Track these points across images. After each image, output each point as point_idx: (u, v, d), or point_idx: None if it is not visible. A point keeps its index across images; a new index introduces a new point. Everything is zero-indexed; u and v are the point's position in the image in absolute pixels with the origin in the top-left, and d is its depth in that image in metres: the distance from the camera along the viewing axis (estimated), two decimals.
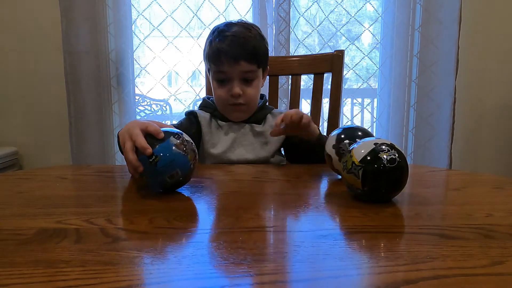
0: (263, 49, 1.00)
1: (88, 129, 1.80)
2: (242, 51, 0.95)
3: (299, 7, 1.88)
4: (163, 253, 0.44)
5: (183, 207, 0.63)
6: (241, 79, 0.98)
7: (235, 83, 0.97)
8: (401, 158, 0.59)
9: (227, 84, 0.98)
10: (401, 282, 0.38)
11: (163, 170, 0.63)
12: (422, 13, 1.83)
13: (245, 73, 0.97)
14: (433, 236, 0.50)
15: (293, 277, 0.41)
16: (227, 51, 0.94)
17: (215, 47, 0.96)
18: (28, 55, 1.88)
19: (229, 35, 0.96)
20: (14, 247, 0.45)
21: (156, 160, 0.63)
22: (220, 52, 0.95)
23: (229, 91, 0.97)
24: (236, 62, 0.95)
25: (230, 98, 0.98)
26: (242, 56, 0.95)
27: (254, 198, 0.66)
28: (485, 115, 2.02)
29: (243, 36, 0.96)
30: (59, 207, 0.60)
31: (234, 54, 0.94)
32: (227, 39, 0.95)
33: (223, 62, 0.95)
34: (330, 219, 0.58)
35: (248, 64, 0.96)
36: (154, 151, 0.63)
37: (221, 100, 1.00)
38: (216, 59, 0.97)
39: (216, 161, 0.99)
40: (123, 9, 1.78)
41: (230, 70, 0.96)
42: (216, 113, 1.04)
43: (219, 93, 0.99)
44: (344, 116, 2.05)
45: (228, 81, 0.98)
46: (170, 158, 0.63)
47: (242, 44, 0.95)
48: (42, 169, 0.88)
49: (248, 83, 0.99)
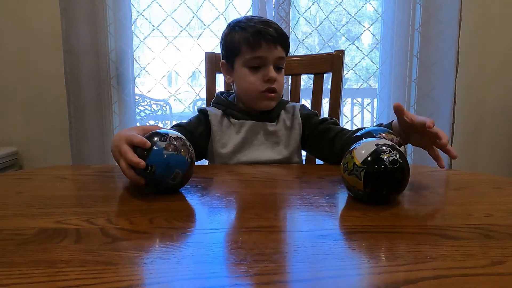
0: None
1: (88, 129, 1.80)
2: (279, 35, 0.95)
3: (299, 7, 1.88)
4: (163, 253, 0.44)
5: (183, 207, 0.63)
6: (274, 66, 0.96)
7: (271, 68, 0.95)
8: (402, 159, 0.59)
9: (261, 70, 0.96)
10: (401, 282, 0.38)
11: (163, 176, 0.64)
12: (422, 13, 1.83)
13: (278, 60, 0.97)
14: (433, 236, 0.50)
15: (293, 277, 0.41)
16: (268, 33, 0.93)
17: (253, 29, 0.94)
18: (28, 55, 1.88)
19: (261, 20, 0.96)
20: (14, 247, 0.45)
21: (153, 170, 0.63)
22: (260, 34, 0.93)
23: (264, 77, 0.95)
24: (274, 46, 0.95)
25: (264, 85, 0.96)
26: (279, 40, 0.95)
27: (254, 198, 0.66)
28: (485, 115, 2.02)
29: (271, 22, 0.97)
30: (59, 207, 0.60)
31: (274, 38, 0.94)
32: (260, 23, 0.95)
33: (261, 45, 0.94)
34: (330, 219, 0.58)
35: (282, 50, 0.97)
36: (147, 161, 0.63)
37: (254, 87, 0.97)
38: (254, 43, 0.94)
39: (225, 161, 0.98)
40: (123, 9, 1.78)
41: (267, 55, 0.95)
42: (229, 111, 1.01)
43: (251, 80, 0.96)
44: (344, 116, 2.05)
45: (262, 66, 0.96)
46: (165, 163, 0.63)
47: (279, 30, 0.96)
48: (42, 169, 0.88)
49: (279, 71, 0.98)
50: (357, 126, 2.17)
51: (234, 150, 0.98)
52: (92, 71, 1.78)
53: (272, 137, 1.00)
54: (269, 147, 0.99)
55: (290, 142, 1.01)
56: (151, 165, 0.63)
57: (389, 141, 0.63)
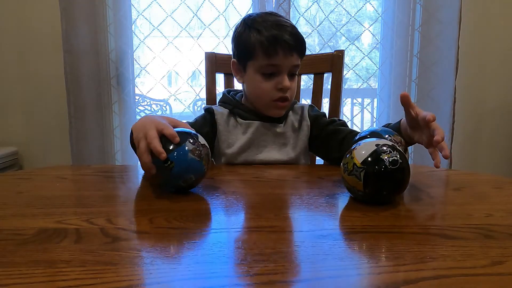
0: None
1: (88, 129, 1.80)
2: (296, 42, 0.91)
3: (299, 7, 1.88)
4: (163, 253, 0.44)
5: (183, 207, 0.63)
6: (288, 73, 0.93)
7: (285, 76, 0.92)
8: (403, 159, 0.59)
9: (275, 77, 0.92)
10: (401, 282, 0.38)
11: (177, 176, 0.63)
12: (422, 13, 1.83)
13: (293, 68, 0.93)
14: (433, 236, 0.50)
15: (293, 277, 0.41)
16: (285, 41, 0.89)
17: (270, 35, 0.89)
18: (28, 55, 1.88)
19: (279, 24, 0.91)
20: (14, 247, 0.45)
21: (171, 166, 0.62)
22: (277, 42, 0.89)
23: (277, 84, 0.92)
24: (290, 54, 0.90)
25: (276, 93, 0.92)
26: (296, 48, 0.91)
27: (254, 198, 0.66)
28: (485, 115, 2.02)
29: (289, 25, 0.92)
30: (59, 207, 0.60)
31: (290, 46, 0.90)
32: (283, 28, 0.90)
33: (278, 53, 0.89)
34: (330, 219, 0.58)
35: (298, 58, 0.93)
36: (169, 156, 0.62)
37: (266, 95, 0.93)
38: (271, 50, 0.89)
39: (231, 161, 0.96)
40: (123, 9, 1.78)
41: (282, 62, 0.91)
42: (236, 110, 0.99)
43: (264, 87, 0.92)
44: (344, 116, 2.05)
45: (277, 74, 0.92)
46: (185, 165, 0.62)
47: (296, 35, 0.91)
48: (42, 169, 0.88)
49: (292, 78, 0.95)
50: (357, 126, 2.17)
51: (240, 150, 0.96)
52: (92, 71, 1.78)
53: (279, 138, 0.98)
54: (276, 148, 0.98)
55: (297, 143, 1.00)
56: (171, 162, 0.62)
57: (389, 141, 0.63)
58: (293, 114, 1.01)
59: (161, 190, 0.69)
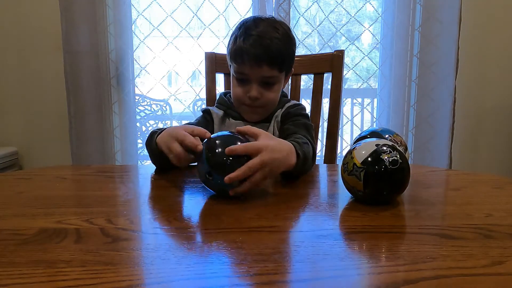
0: (288, 53, 0.96)
1: (88, 129, 1.80)
2: (265, 55, 0.90)
3: (299, 7, 1.88)
4: (163, 253, 0.44)
5: (183, 207, 0.63)
6: (261, 82, 0.94)
7: (254, 86, 0.93)
8: (403, 159, 0.59)
9: (246, 84, 0.95)
10: (401, 282, 0.38)
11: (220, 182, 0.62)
12: (422, 13, 1.82)
13: (266, 78, 0.94)
14: (433, 236, 0.50)
15: (293, 277, 0.41)
16: (250, 53, 0.90)
17: (239, 46, 0.92)
18: (28, 55, 1.88)
19: (254, 34, 0.92)
20: (14, 247, 0.45)
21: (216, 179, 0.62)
22: (243, 53, 0.91)
23: (247, 92, 0.94)
24: (258, 66, 0.91)
25: (247, 99, 0.95)
26: (265, 60, 0.91)
27: (254, 198, 0.66)
28: (485, 115, 2.02)
29: (268, 37, 0.91)
30: (59, 207, 0.60)
31: (257, 57, 0.90)
32: (251, 38, 0.91)
33: (245, 63, 0.92)
34: (330, 219, 0.58)
35: (270, 69, 0.92)
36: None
37: (238, 99, 0.97)
38: (238, 59, 0.93)
39: None
40: (123, 9, 1.78)
41: (251, 73, 0.93)
42: (229, 111, 1.02)
43: (237, 92, 0.96)
44: (344, 116, 2.05)
45: (247, 81, 0.94)
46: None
47: (267, 47, 0.91)
48: (42, 169, 0.88)
49: (268, 87, 0.95)
50: (357, 126, 2.17)
51: None
52: (92, 71, 1.78)
53: None
54: None
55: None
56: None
57: (389, 141, 0.63)
58: (280, 113, 1.02)
59: (161, 190, 0.68)
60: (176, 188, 0.74)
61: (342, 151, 2.00)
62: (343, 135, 2.10)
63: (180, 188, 0.74)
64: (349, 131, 2.25)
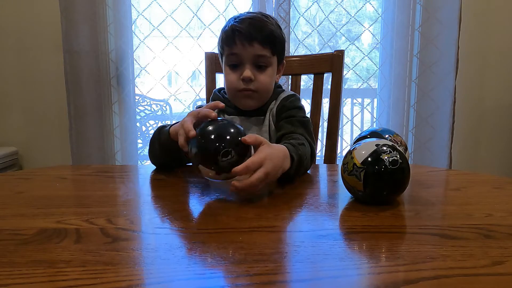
0: (279, 36, 0.96)
1: (88, 129, 1.80)
2: (257, 33, 0.92)
3: (299, 7, 1.88)
4: (163, 253, 0.44)
5: (183, 207, 0.63)
6: (253, 64, 0.94)
7: (247, 66, 0.93)
8: (403, 159, 0.59)
9: (239, 68, 0.94)
10: (401, 282, 0.38)
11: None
12: (422, 13, 1.83)
13: (258, 58, 0.93)
14: (433, 236, 0.50)
15: (293, 277, 0.41)
16: (242, 31, 0.91)
17: (230, 28, 0.93)
18: (28, 55, 1.88)
19: (246, 18, 0.94)
20: (14, 247, 0.45)
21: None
22: (235, 32, 0.92)
23: (240, 76, 0.94)
24: (249, 44, 0.91)
25: (241, 83, 0.94)
26: (256, 37, 0.91)
27: (254, 198, 0.66)
28: (485, 115, 2.02)
29: (259, 20, 0.94)
30: (59, 207, 0.60)
31: (248, 35, 0.91)
32: (244, 21, 0.93)
33: (236, 42, 0.92)
34: (330, 219, 0.58)
35: (261, 47, 0.92)
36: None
37: (232, 86, 0.96)
38: (229, 40, 0.93)
39: None
40: (123, 9, 1.78)
41: (243, 52, 0.92)
42: (224, 108, 1.02)
43: (231, 79, 0.96)
44: (344, 116, 2.05)
45: (240, 65, 0.94)
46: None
47: (257, 26, 0.92)
48: (42, 169, 0.88)
49: (261, 70, 0.95)
50: (357, 126, 2.17)
51: None
52: (92, 71, 1.78)
53: (263, 131, 0.99)
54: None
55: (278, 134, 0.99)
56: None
57: (389, 141, 0.63)
58: (275, 105, 1.01)
59: (161, 190, 0.68)
60: (176, 188, 0.74)
61: (342, 151, 2.00)
62: (343, 135, 2.10)
63: (180, 188, 0.74)
64: (349, 131, 2.25)
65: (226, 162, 0.62)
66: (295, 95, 1.03)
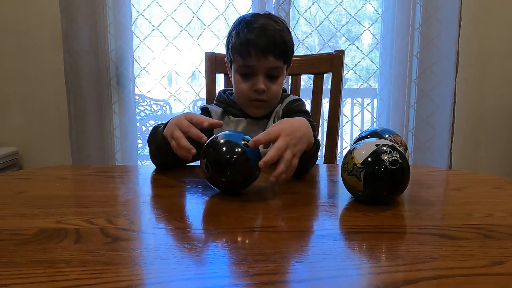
0: (290, 45, 0.97)
1: (88, 129, 1.80)
2: (272, 45, 0.91)
3: (299, 7, 1.88)
4: (163, 253, 0.44)
5: (183, 207, 0.63)
6: (266, 75, 0.94)
7: (260, 78, 0.93)
8: (403, 159, 0.59)
9: (251, 78, 0.94)
10: (401, 282, 0.38)
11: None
12: (422, 13, 1.83)
13: (271, 69, 0.94)
14: (433, 236, 0.50)
15: (293, 277, 0.41)
16: (256, 44, 0.90)
17: (244, 38, 0.92)
18: (28, 54, 1.88)
19: (257, 26, 0.92)
20: (14, 247, 0.45)
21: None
22: (249, 44, 0.91)
23: (253, 86, 0.94)
24: (264, 56, 0.91)
25: (253, 94, 0.94)
26: (271, 50, 0.91)
27: (254, 198, 0.66)
28: (485, 115, 2.02)
29: (271, 28, 0.92)
30: (59, 207, 0.60)
31: (263, 48, 0.90)
32: (256, 30, 0.91)
33: (251, 55, 0.91)
34: (330, 219, 0.58)
35: (275, 60, 0.93)
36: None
37: (243, 95, 0.96)
38: (244, 51, 0.92)
39: None
40: (123, 9, 1.78)
41: (257, 64, 0.92)
42: (229, 109, 1.02)
43: (242, 88, 0.96)
44: (344, 116, 2.05)
45: (253, 75, 0.94)
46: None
47: (272, 37, 0.91)
48: (42, 169, 0.88)
49: (273, 80, 0.95)
50: (357, 126, 2.17)
51: None
52: (92, 71, 1.78)
53: None
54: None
55: None
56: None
57: (389, 141, 0.63)
58: (280, 108, 1.02)
59: (161, 190, 0.68)
60: (176, 188, 0.74)
61: (342, 151, 2.00)
62: (343, 135, 2.10)
63: (180, 188, 0.74)
64: (349, 131, 2.25)
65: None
66: (301, 99, 1.05)
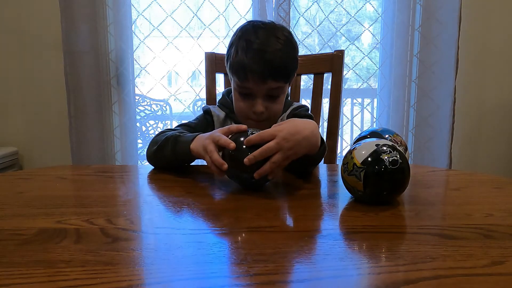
0: (292, 63, 0.91)
1: (88, 129, 1.80)
2: (269, 70, 0.86)
3: (299, 7, 1.88)
4: (163, 253, 0.44)
5: (183, 207, 0.63)
6: (266, 95, 0.90)
7: (259, 101, 0.89)
8: (403, 159, 0.59)
9: (250, 98, 0.90)
10: (401, 282, 0.38)
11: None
12: (422, 13, 1.83)
13: (271, 90, 0.90)
14: (433, 236, 0.50)
15: (293, 277, 0.41)
16: (253, 70, 0.86)
17: (240, 61, 0.87)
18: (28, 54, 1.88)
19: (256, 48, 0.86)
20: (14, 247, 0.45)
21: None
22: (246, 69, 0.86)
23: (251, 107, 0.90)
24: (263, 82, 0.87)
25: (252, 114, 0.91)
26: (270, 75, 0.87)
27: (254, 198, 0.66)
28: (485, 115, 2.02)
29: (271, 50, 0.86)
30: (59, 207, 0.60)
31: (261, 74, 0.86)
32: (253, 52, 0.86)
33: (248, 79, 0.87)
34: (330, 219, 0.58)
35: (275, 82, 0.88)
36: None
37: (242, 112, 0.93)
38: (240, 75, 0.88)
39: None
40: (123, 9, 1.78)
41: (255, 88, 0.88)
42: (232, 115, 0.99)
43: (241, 106, 0.93)
44: (344, 116, 2.05)
45: (251, 96, 0.90)
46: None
47: (270, 62, 0.86)
48: (42, 169, 0.88)
49: (273, 99, 0.91)
50: (357, 126, 2.17)
51: None
52: (92, 71, 1.78)
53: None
54: None
55: None
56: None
57: (389, 141, 0.63)
58: (285, 114, 1.00)
59: (161, 190, 0.69)
60: (177, 188, 0.74)
61: (342, 151, 2.00)
62: (343, 135, 2.10)
63: (180, 188, 0.74)
64: (349, 131, 2.25)
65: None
66: (304, 105, 1.03)
